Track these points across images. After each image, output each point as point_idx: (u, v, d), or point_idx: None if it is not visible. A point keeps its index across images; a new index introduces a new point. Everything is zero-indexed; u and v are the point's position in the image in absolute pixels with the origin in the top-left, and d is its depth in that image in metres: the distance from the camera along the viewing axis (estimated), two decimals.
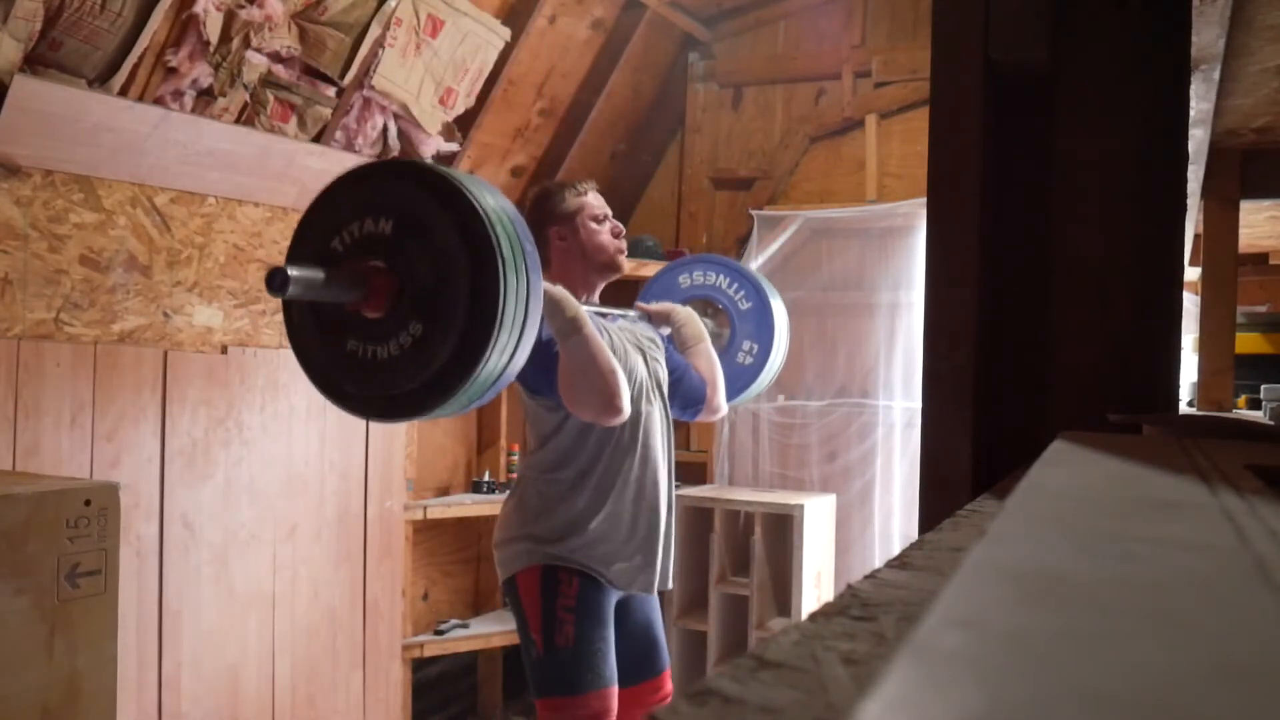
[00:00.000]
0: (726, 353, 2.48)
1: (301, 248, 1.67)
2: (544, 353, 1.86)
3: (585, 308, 1.98)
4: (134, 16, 2.33)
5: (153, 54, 2.44)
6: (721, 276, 2.54)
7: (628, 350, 2.05)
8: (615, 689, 1.99)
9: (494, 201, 1.60)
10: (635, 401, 2.02)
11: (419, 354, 1.56)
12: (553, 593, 1.97)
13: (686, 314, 2.31)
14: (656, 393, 2.11)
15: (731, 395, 2.46)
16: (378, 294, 1.57)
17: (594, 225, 2.13)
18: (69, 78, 2.31)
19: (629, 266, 3.59)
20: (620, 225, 2.17)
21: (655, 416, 2.09)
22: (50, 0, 2.19)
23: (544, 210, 2.14)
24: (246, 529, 2.75)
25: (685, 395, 2.21)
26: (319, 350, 1.68)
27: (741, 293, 2.52)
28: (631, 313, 2.27)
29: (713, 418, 2.30)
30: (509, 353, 1.58)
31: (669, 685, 2.19)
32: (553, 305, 1.86)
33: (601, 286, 2.18)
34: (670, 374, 2.19)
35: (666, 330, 2.30)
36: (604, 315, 2.12)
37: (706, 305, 2.52)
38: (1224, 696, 0.17)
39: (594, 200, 2.15)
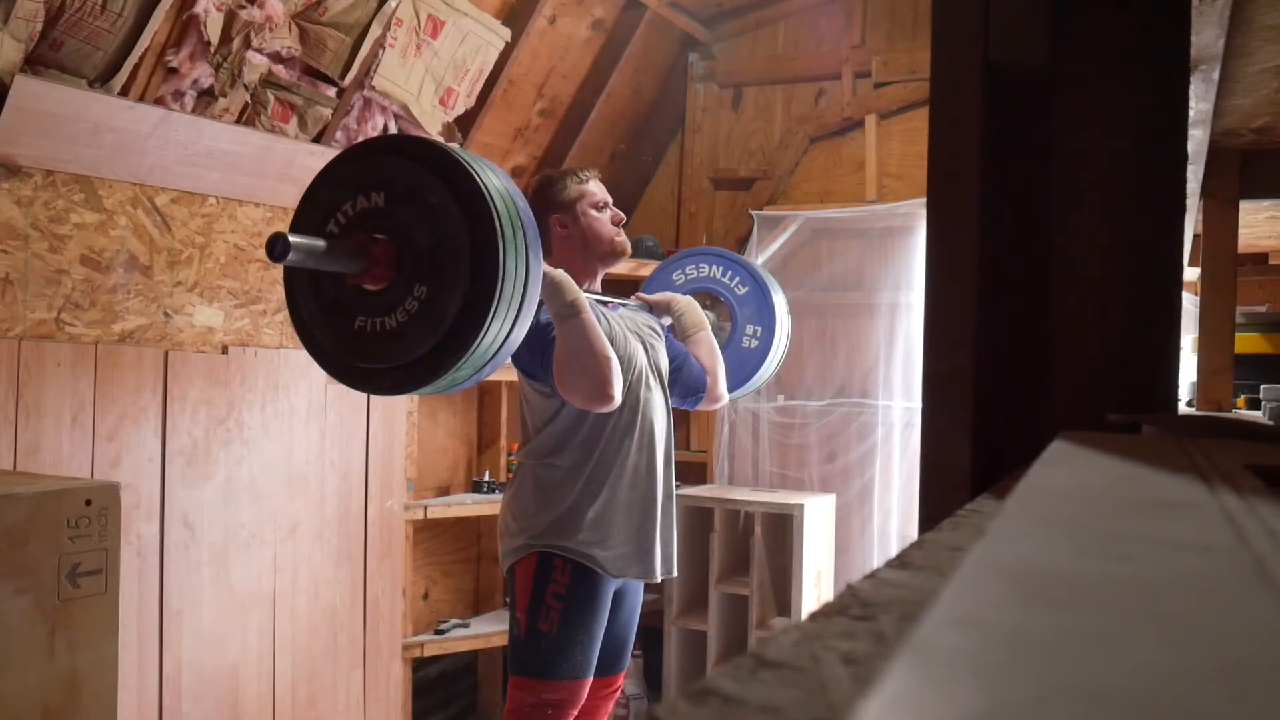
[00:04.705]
0: (731, 341, 2.48)
1: (299, 232, 1.69)
2: (541, 336, 1.87)
3: (587, 295, 1.98)
4: (135, 17, 2.33)
5: (153, 54, 2.44)
6: (715, 267, 2.54)
7: (627, 337, 2.06)
8: (588, 680, 2.02)
9: (490, 170, 1.62)
10: (633, 388, 2.03)
11: (427, 315, 1.58)
12: (545, 579, 1.99)
13: (687, 302, 2.32)
14: (656, 380, 2.12)
15: (741, 380, 2.47)
16: (378, 263, 1.59)
17: (595, 213, 2.13)
18: (70, 78, 2.31)
19: (628, 266, 3.61)
20: (621, 213, 2.18)
21: (655, 403, 2.09)
22: (51, 1, 2.19)
23: (545, 198, 2.14)
24: (247, 529, 2.75)
25: (686, 383, 2.22)
26: (327, 334, 1.70)
27: (737, 279, 2.52)
28: (632, 302, 2.28)
29: (713, 406, 2.32)
30: (513, 312, 1.59)
31: (621, 681, 2.25)
32: (552, 288, 1.87)
33: (602, 274, 2.18)
34: (671, 362, 2.19)
35: (668, 320, 2.31)
36: (605, 303, 2.12)
37: (705, 297, 2.52)
38: (1224, 696, 0.17)
39: (595, 188, 2.15)
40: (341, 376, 1.72)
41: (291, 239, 1.51)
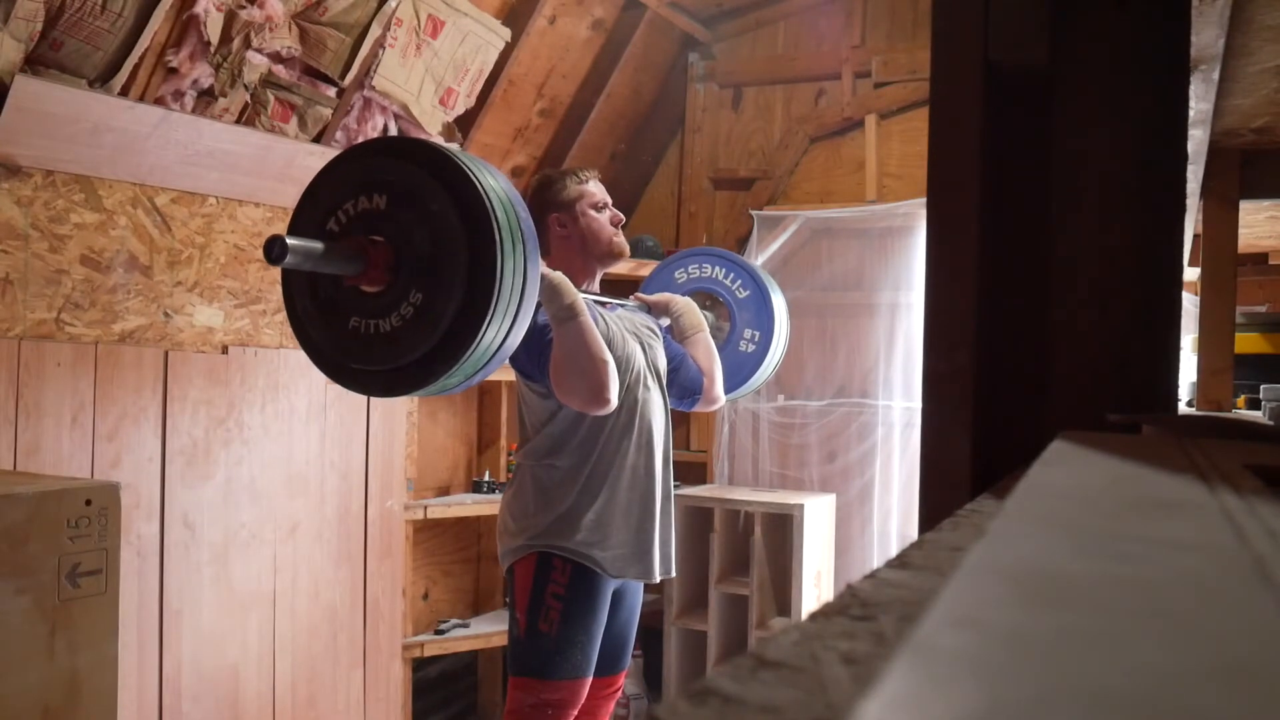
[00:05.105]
0: (728, 343, 2.48)
1: (298, 230, 1.69)
2: (538, 338, 1.87)
3: (585, 295, 1.99)
4: (135, 17, 2.33)
5: (153, 54, 2.44)
6: (717, 268, 2.54)
7: (625, 338, 2.06)
8: (588, 680, 2.02)
9: (490, 174, 1.62)
10: (631, 389, 2.03)
11: (422, 322, 1.58)
12: (544, 578, 2.00)
13: (685, 304, 2.32)
14: (655, 380, 2.12)
15: (737, 384, 2.47)
16: (376, 265, 1.59)
17: (594, 213, 2.13)
18: (70, 78, 2.31)
19: (628, 267, 3.61)
20: (620, 214, 2.18)
21: (653, 404, 2.09)
22: (51, 1, 2.19)
23: (545, 197, 2.15)
24: (247, 529, 2.75)
25: (682, 385, 2.23)
26: (322, 332, 1.70)
27: (738, 281, 2.52)
28: (631, 302, 2.28)
29: (710, 408, 2.32)
30: (509, 318, 1.59)
31: (622, 680, 2.24)
32: (550, 290, 1.87)
33: (601, 274, 2.18)
34: (668, 363, 2.20)
35: (666, 321, 2.31)
36: (603, 304, 2.13)
37: (706, 298, 2.52)
38: (1223, 696, 0.17)
39: (595, 188, 2.16)
40: (334, 375, 1.72)
41: (289, 241, 1.50)
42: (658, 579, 2.10)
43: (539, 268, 1.67)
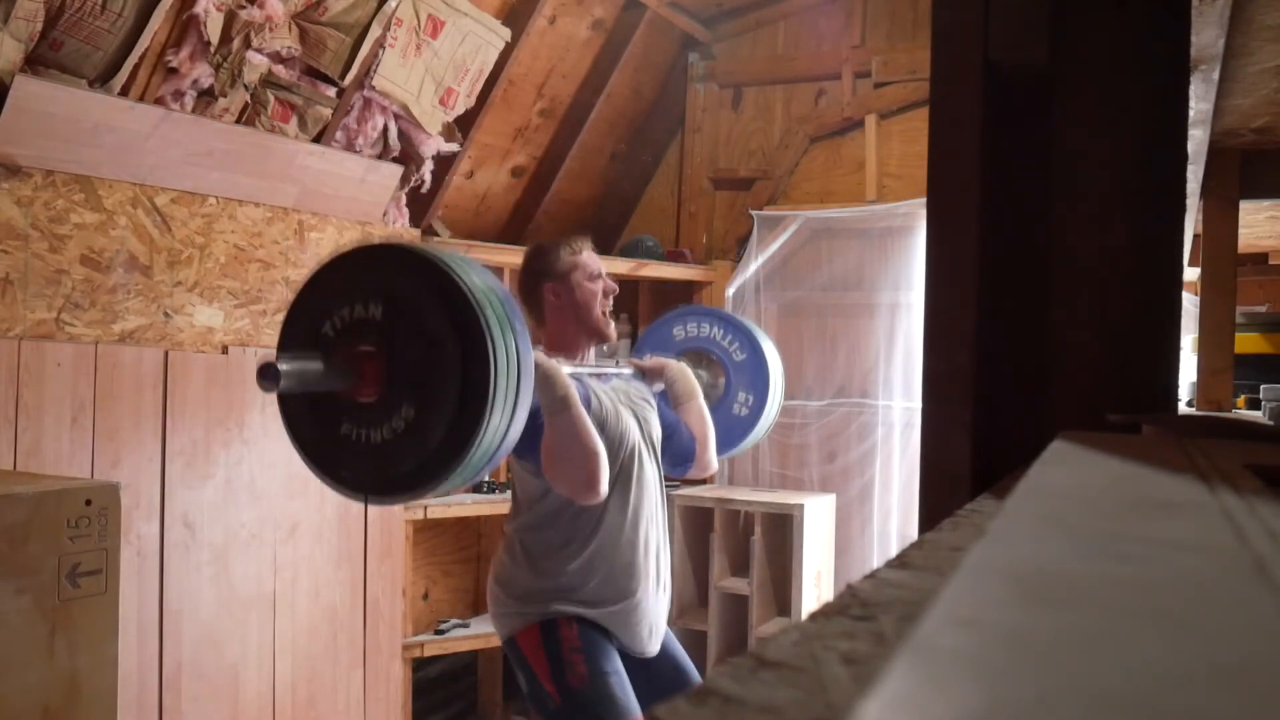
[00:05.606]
0: (722, 404, 2.47)
1: (292, 333, 1.68)
2: (531, 422, 1.86)
3: (579, 369, 2.00)
4: (135, 17, 2.33)
5: (153, 54, 2.44)
6: (715, 328, 2.54)
7: (619, 412, 2.06)
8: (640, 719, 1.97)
9: (481, 280, 1.59)
10: (625, 466, 2.03)
11: (412, 437, 1.56)
12: (555, 641, 1.97)
13: (679, 370, 2.30)
14: (650, 453, 2.11)
15: (729, 446, 2.46)
16: (369, 380, 1.58)
17: (588, 284, 2.14)
18: (70, 78, 2.31)
19: (629, 266, 3.61)
20: (614, 284, 2.19)
21: (647, 479, 2.09)
22: (51, 1, 2.19)
23: (539, 267, 2.16)
24: (247, 529, 2.75)
25: (676, 452, 2.23)
26: (314, 434, 1.69)
27: (735, 344, 2.52)
28: (626, 370, 2.26)
29: (703, 474, 2.31)
30: (502, 432, 1.58)
31: None
32: (543, 380, 1.86)
33: (592, 349, 2.19)
34: (662, 431, 2.19)
35: (659, 386, 2.30)
36: (598, 375, 2.13)
37: (701, 357, 2.52)
38: (1223, 696, 0.17)
39: (588, 259, 2.17)
40: (324, 477, 1.69)
41: (282, 367, 1.48)
42: (644, 654, 2.08)
43: (532, 375, 1.65)
